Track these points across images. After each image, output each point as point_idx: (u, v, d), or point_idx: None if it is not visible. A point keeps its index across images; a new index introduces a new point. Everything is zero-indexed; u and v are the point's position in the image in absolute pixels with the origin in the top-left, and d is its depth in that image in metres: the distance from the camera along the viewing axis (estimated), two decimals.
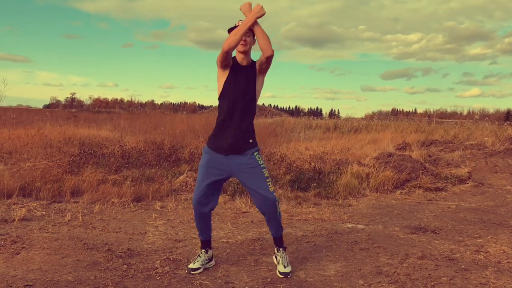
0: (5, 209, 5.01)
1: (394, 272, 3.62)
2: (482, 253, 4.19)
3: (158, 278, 3.33)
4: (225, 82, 3.36)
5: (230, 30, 3.35)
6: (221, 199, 6.07)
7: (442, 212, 6.04)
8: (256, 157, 3.42)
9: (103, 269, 3.44)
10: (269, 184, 3.42)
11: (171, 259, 3.74)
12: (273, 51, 3.32)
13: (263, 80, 3.48)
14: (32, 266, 3.42)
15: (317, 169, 7.56)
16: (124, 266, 3.52)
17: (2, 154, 8.13)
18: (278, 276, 3.46)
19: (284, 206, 5.90)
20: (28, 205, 5.22)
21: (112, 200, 5.64)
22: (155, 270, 3.47)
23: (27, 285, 3.05)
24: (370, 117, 42.54)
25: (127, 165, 7.41)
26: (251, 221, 5.15)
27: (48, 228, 4.46)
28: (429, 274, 3.58)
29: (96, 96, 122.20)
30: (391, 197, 7.03)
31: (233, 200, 6.00)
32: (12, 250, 3.75)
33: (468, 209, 6.26)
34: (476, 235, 4.87)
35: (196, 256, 3.61)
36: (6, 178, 5.84)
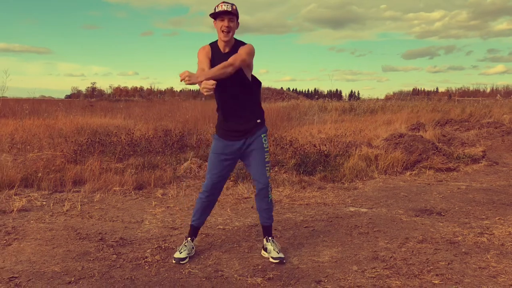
0: (5, 199, 5.02)
1: (390, 257, 3.51)
2: (486, 235, 4.03)
3: (146, 267, 3.28)
4: None
5: (212, 15, 3.24)
6: None
7: (451, 193, 5.86)
8: (263, 139, 3.44)
9: (92, 259, 3.40)
10: (267, 169, 3.45)
11: (163, 247, 3.69)
12: (237, 61, 3.11)
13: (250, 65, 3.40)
14: (22, 257, 3.41)
15: (323, 152, 7.42)
16: (114, 255, 3.47)
17: (12, 145, 8.19)
18: (270, 263, 3.38)
19: (287, 190, 5.80)
20: (29, 196, 5.23)
21: (114, 188, 5.61)
22: (145, 259, 3.42)
23: (12, 277, 3.03)
24: (390, 97, 41.86)
25: (131, 153, 7.39)
26: (252, 207, 5.07)
27: (45, 218, 4.46)
28: (427, 259, 3.45)
29: (116, 85, 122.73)
30: (399, 179, 6.87)
31: (236, 186, 5.93)
32: (4, 241, 3.74)
33: (478, 189, 6.06)
34: (483, 217, 4.71)
35: (182, 245, 3.52)
36: (9, 168, 5.86)
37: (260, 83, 3.53)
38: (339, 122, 16.22)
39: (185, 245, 3.50)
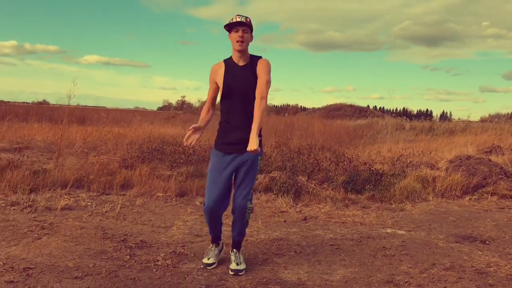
0: (56, 198, 5.37)
1: (406, 282, 3.30)
2: None
3: (154, 270, 3.35)
4: (224, 85, 3.29)
5: (226, 27, 3.28)
6: (264, 197, 5.99)
7: (507, 221, 5.40)
8: (259, 162, 3.38)
9: (106, 258, 3.54)
10: (250, 191, 3.37)
11: (178, 252, 3.76)
12: (264, 91, 3.16)
13: None
14: (45, 250, 3.63)
15: (374, 170, 7.15)
16: (128, 256, 3.59)
17: (82, 149, 8.74)
18: (277, 276, 3.32)
19: (328, 207, 5.66)
20: (78, 196, 5.56)
21: (157, 194, 5.81)
22: (155, 263, 3.50)
23: (27, 267, 3.23)
24: (486, 120, 39.34)
25: (182, 162, 7.57)
26: (284, 221, 5.01)
27: (83, 217, 4.71)
28: (444, 287, 3.20)
29: (204, 99, 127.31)
30: (456, 203, 6.44)
31: (276, 200, 5.88)
32: (36, 235, 4.00)
33: None
34: None
35: (208, 250, 3.59)
36: (66, 169, 6.28)
37: None
38: (414, 142, 15.57)
39: (211, 250, 3.58)
